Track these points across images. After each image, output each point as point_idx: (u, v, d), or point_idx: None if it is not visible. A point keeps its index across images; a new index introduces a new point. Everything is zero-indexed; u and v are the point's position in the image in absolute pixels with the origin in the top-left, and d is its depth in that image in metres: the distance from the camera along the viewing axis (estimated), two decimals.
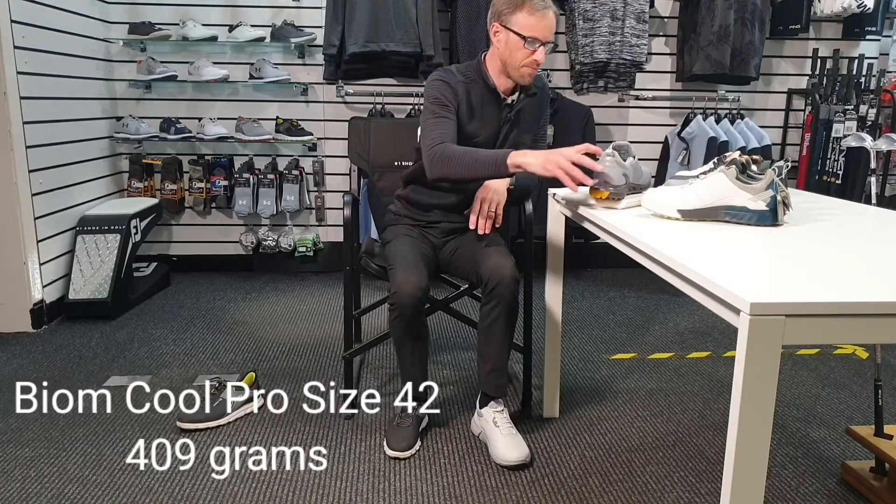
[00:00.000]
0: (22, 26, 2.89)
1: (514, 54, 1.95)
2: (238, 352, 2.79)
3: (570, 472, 1.92)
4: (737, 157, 1.52)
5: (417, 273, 1.92)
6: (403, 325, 1.92)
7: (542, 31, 1.92)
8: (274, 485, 1.84)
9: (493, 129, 2.06)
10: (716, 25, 3.62)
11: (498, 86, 2.03)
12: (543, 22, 1.92)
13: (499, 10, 1.95)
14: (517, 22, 1.92)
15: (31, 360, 2.68)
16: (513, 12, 1.92)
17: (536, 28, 1.91)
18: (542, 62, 1.97)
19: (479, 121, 2.04)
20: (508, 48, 1.95)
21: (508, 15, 1.93)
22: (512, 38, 1.93)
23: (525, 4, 1.91)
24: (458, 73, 2.05)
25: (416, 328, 1.96)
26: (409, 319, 1.91)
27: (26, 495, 1.78)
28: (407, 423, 2.04)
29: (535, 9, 1.91)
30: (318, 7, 3.70)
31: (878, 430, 1.84)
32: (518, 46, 1.93)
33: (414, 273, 1.91)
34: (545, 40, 1.94)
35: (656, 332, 3.08)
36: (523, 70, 1.97)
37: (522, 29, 1.91)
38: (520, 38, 1.92)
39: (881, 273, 1.19)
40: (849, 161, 3.63)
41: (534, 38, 1.91)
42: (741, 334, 0.98)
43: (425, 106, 2.01)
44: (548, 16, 1.93)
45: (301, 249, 3.93)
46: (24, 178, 2.91)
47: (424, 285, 1.90)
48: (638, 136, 4.05)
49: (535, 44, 1.92)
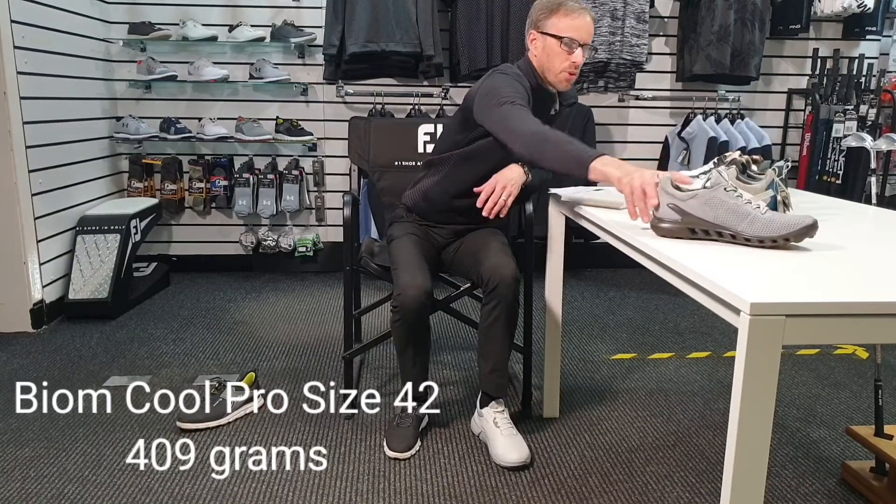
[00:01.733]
0: (22, 26, 2.89)
1: (552, 58, 1.94)
2: (238, 352, 2.79)
3: (570, 472, 1.92)
4: (737, 157, 1.51)
5: (422, 275, 1.91)
6: (406, 327, 1.92)
7: (579, 32, 1.91)
8: (274, 485, 1.84)
9: None
10: (716, 25, 3.62)
11: None
12: (579, 22, 1.91)
13: (535, 18, 1.96)
14: (553, 25, 1.92)
15: (31, 360, 2.68)
16: (548, 17, 1.92)
17: (572, 28, 1.90)
18: (580, 64, 1.95)
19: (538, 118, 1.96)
20: (546, 53, 1.94)
21: (544, 20, 1.93)
22: (549, 41, 1.93)
23: (560, 7, 1.91)
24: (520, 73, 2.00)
25: (419, 330, 1.95)
26: (412, 322, 1.91)
27: (26, 495, 1.78)
28: (407, 424, 2.04)
29: (571, 10, 1.91)
30: (318, 7, 3.70)
31: (878, 430, 1.84)
32: (556, 50, 1.92)
33: (419, 275, 1.90)
34: (582, 41, 1.92)
35: (656, 332, 3.08)
36: (561, 75, 1.95)
37: (559, 31, 1.91)
38: (557, 39, 1.91)
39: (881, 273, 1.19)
40: (849, 161, 3.63)
41: (571, 38, 1.90)
42: (741, 334, 0.98)
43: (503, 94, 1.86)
44: (584, 17, 1.92)
45: (301, 249, 3.93)
46: (24, 178, 2.91)
47: (429, 288, 1.89)
48: (638, 136, 4.05)
49: (573, 45, 1.91)
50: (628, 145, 4.06)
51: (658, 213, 1.42)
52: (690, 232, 1.39)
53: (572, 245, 4.02)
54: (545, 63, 1.96)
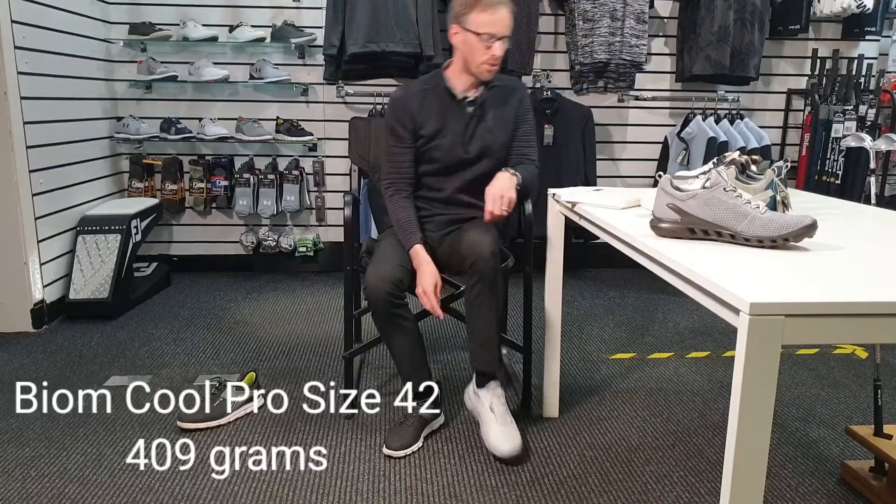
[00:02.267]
0: (22, 26, 2.89)
1: (473, 52, 2.03)
2: (238, 352, 2.79)
3: (570, 471, 1.93)
4: (736, 158, 1.52)
5: (389, 267, 1.95)
6: (380, 319, 1.97)
7: (496, 27, 1.99)
8: (274, 485, 1.84)
9: (458, 127, 2.10)
10: (715, 26, 3.62)
11: (458, 86, 2.11)
12: (496, 17, 1.99)
13: (455, 12, 2.05)
14: (472, 21, 2.00)
15: (32, 360, 2.68)
16: (467, 12, 2.01)
17: (490, 24, 1.98)
18: (500, 56, 2.03)
19: (441, 121, 2.10)
20: (468, 47, 2.03)
21: (464, 15, 2.01)
22: (469, 37, 2.01)
23: (478, 3, 1.99)
24: (420, 83, 2.17)
25: (396, 322, 1.97)
26: (384, 313, 1.94)
27: (26, 495, 1.78)
28: (409, 423, 2.04)
29: (487, 6, 1.98)
30: (318, 7, 3.70)
31: (878, 430, 1.85)
32: (476, 44, 2.01)
33: (384, 267, 1.95)
34: (500, 35, 2.00)
35: (656, 332, 3.09)
36: (483, 66, 2.04)
37: (477, 26, 1.99)
38: (476, 35, 2.00)
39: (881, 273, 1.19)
40: (848, 161, 3.63)
41: (489, 34, 1.99)
42: (741, 334, 0.98)
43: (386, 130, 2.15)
44: (500, 11, 1.99)
45: (301, 249, 3.93)
46: (24, 178, 2.92)
47: (394, 278, 1.93)
48: (638, 137, 4.05)
49: (491, 40, 1.99)
50: (628, 145, 4.06)
51: (658, 213, 1.43)
52: (690, 232, 1.39)
53: (572, 245, 4.02)
54: (468, 56, 2.05)
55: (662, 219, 1.42)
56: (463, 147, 2.11)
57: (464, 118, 2.11)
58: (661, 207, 1.42)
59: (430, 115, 2.10)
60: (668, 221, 1.41)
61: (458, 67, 2.11)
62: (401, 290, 1.96)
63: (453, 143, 2.10)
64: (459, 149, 2.11)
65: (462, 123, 2.11)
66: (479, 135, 2.11)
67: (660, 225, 1.42)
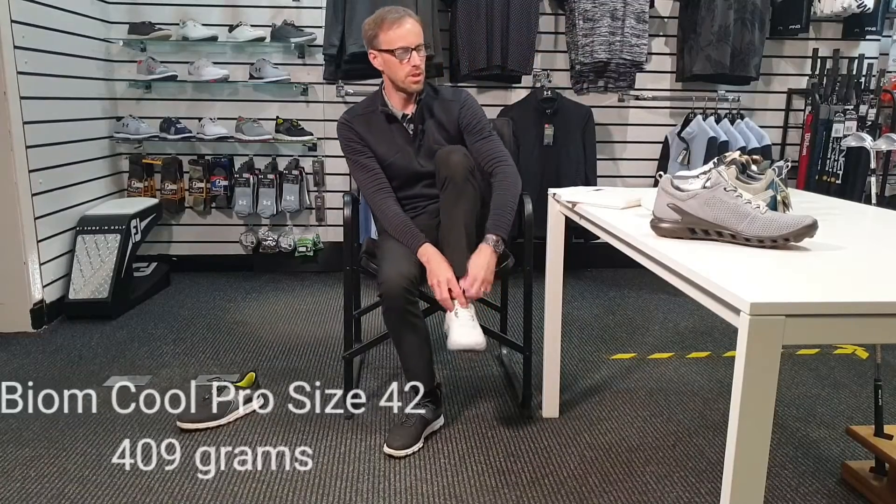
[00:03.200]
0: (22, 26, 2.89)
1: (394, 70, 2.08)
2: (238, 352, 2.79)
3: (570, 471, 1.92)
4: (737, 157, 1.51)
5: (405, 264, 1.94)
6: (395, 316, 1.94)
7: (408, 39, 2.04)
8: (274, 485, 1.84)
9: (405, 144, 2.16)
10: (716, 25, 3.62)
11: (396, 104, 2.16)
12: (402, 30, 2.04)
13: (367, 39, 2.11)
14: (383, 41, 2.06)
15: (31, 360, 2.68)
16: (377, 34, 2.07)
17: (401, 38, 2.04)
18: (420, 65, 2.08)
19: (389, 141, 2.16)
20: (388, 66, 2.09)
21: (375, 38, 2.08)
22: (386, 56, 2.07)
23: (383, 23, 2.05)
24: (360, 108, 2.22)
25: (409, 320, 1.96)
26: (399, 311, 1.93)
27: (26, 495, 1.78)
28: (410, 423, 2.04)
29: (392, 23, 2.04)
30: (318, 7, 3.70)
31: (878, 430, 1.84)
32: (394, 62, 2.06)
33: (400, 264, 1.94)
34: (413, 45, 2.05)
35: (656, 332, 3.08)
36: (408, 80, 2.09)
37: (390, 44, 2.05)
38: (390, 54, 2.06)
39: (881, 273, 1.19)
40: (849, 161, 3.63)
41: (402, 48, 2.04)
42: (741, 334, 0.98)
43: (346, 157, 2.20)
44: (405, 23, 2.05)
45: (301, 249, 3.93)
46: (24, 178, 2.92)
47: (411, 276, 1.92)
48: (638, 136, 4.05)
49: (406, 52, 2.05)
50: (628, 145, 4.06)
51: (658, 213, 1.43)
52: (690, 232, 1.39)
53: (572, 245, 4.02)
54: (392, 75, 2.10)
55: (663, 219, 1.42)
56: (416, 161, 2.16)
57: (408, 136, 2.17)
58: (662, 207, 1.42)
59: (377, 138, 2.16)
60: (669, 221, 1.41)
61: (390, 88, 2.16)
62: (416, 288, 1.96)
63: (405, 160, 2.16)
64: (414, 163, 2.16)
65: (407, 141, 2.17)
66: (426, 147, 2.17)
67: (660, 225, 1.42)
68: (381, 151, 2.16)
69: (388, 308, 1.94)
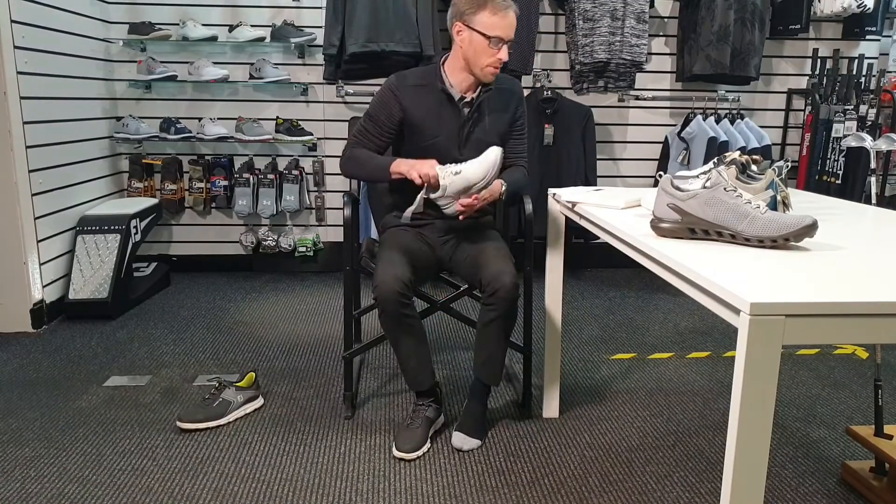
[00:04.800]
0: (22, 26, 2.89)
1: (478, 54, 1.98)
2: (238, 352, 2.79)
3: (570, 471, 1.92)
4: (737, 157, 1.51)
5: (399, 267, 1.93)
6: (389, 319, 1.94)
7: (506, 30, 1.96)
8: (274, 485, 1.84)
9: (453, 128, 2.08)
10: (716, 25, 3.62)
11: (457, 84, 2.07)
12: (506, 21, 1.95)
13: (461, 9, 1.98)
14: (480, 21, 1.95)
15: (31, 360, 2.68)
16: (476, 12, 1.95)
17: (500, 27, 1.95)
18: (505, 60, 2.00)
19: (436, 121, 2.07)
20: (472, 47, 1.98)
21: (471, 15, 1.96)
22: (476, 37, 1.97)
23: (487, 4, 1.94)
24: (414, 77, 2.10)
25: (405, 322, 1.95)
26: (394, 313, 1.92)
27: (26, 495, 1.78)
28: (416, 425, 2.04)
29: (498, 8, 1.94)
30: (318, 7, 3.71)
31: (878, 430, 1.84)
32: (482, 46, 1.97)
33: (395, 267, 1.93)
34: (508, 39, 1.97)
35: (656, 332, 3.08)
36: (487, 69, 2.01)
37: (486, 28, 1.95)
38: (483, 37, 1.95)
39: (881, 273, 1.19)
40: (849, 161, 3.63)
41: (497, 37, 1.95)
42: (741, 334, 0.98)
43: (366, 112, 2.11)
44: (510, 14, 1.96)
45: (301, 249, 3.93)
46: (24, 178, 2.92)
47: (406, 278, 1.91)
48: (638, 136, 4.05)
49: (499, 43, 1.96)
50: (628, 145, 4.06)
51: (658, 213, 1.43)
52: (690, 232, 1.39)
53: (572, 245, 4.03)
54: (471, 57, 2.00)
55: (663, 219, 1.42)
56: (458, 149, 2.09)
57: (459, 120, 2.08)
58: (662, 207, 1.42)
59: (424, 114, 2.07)
60: (669, 221, 1.41)
61: (456, 65, 2.06)
62: (411, 290, 1.95)
63: (447, 145, 2.08)
64: (454, 150, 2.09)
65: (457, 125, 2.08)
66: (474, 138, 2.10)
67: (660, 225, 1.42)
68: (428, 128, 2.06)
69: (383, 311, 1.93)
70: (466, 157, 2.06)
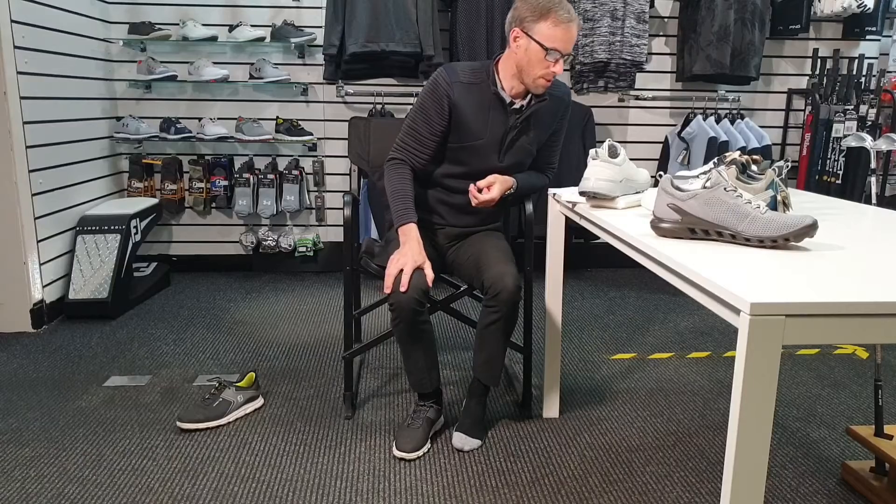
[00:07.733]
0: (22, 26, 2.89)
1: (532, 64, 1.91)
2: (238, 352, 2.79)
3: (570, 471, 1.92)
4: (737, 157, 1.51)
5: (416, 274, 1.91)
6: (405, 327, 1.92)
7: (565, 44, 1.88)
8: (274, 485, 1.84)
9: (498, 133, 2.02)
10: (716, 25, 3.62)
11: (508, 89, 1.99)
12: (568, 35, 1.87)
13: (521, 15, 1.90)
14: (540, 31, 1.87)
15: (31, 360, 2.68)
16: (536, 21, 1.87)
17: (560, 40, 1.87)
18: (559, 74, 1.93)
19: (482, 123, 2.00)
20: (528, 56, 1.90)
21: (532, 23, 1.87)
22: (533, 46, 1.88)
23: (550, 14, 1.85)
24: (465, 73, 2.00)
25: (419, 328, 1.95)
26: (410, 321, 1.90)
27: (26, 495, 1.78)
28: (417, 425, 2.04)
29: (561, 20, 1.86)
30: (318, 7, 3.71)
31: (878, 430, 1.84)
32: (538, 56, 1.89)
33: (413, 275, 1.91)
34: (566, 53, 1.89)
35: (656, 332, 3.08)
36: (539, 81, 1.93)
37: (545, 39, 1.86)
38: (541, 48, 1.87)
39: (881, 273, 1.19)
40: (849, 161, 3.63)
41: (556, 49, 1.87)
42: (741, 334, 0.98)
43: (415, 105, 2.03)
44: (572, 29, 1.88)
45: (301, 249, 3.93)
46: (24, 178, 2.92)
47: (423, 285, 1.89)
48: (638, 136, 4.05)
49: (556, 56, 1.88)
50: (628, 145, 4.06)
51: (658, 213, 1.43)
52: (690, 232, 1.39)
53: (572, 245, 4.03)
54: (525, 66, 1.92)
55: (663, 219, 1.42)
56: (498, 156, 2.04)
57: (505, 126, 2.02)
58: (662, 207, 1.41)
59: (471, 112, 1.99)
60: (669, 221, 1.41)
61: (509, 70, 1.98)
62: (426, 298, 1.92)
63: (489, 150, 2.02)
64: (494, 157, 2.04)
65: (502, 131, 2.02)
66: (516, 147, 2.05)
67: (660, 225, 1.42)
68: (474, 129, 1.99)
69: (399, 319, 1.89)
70: (506, 163, 2.05)
